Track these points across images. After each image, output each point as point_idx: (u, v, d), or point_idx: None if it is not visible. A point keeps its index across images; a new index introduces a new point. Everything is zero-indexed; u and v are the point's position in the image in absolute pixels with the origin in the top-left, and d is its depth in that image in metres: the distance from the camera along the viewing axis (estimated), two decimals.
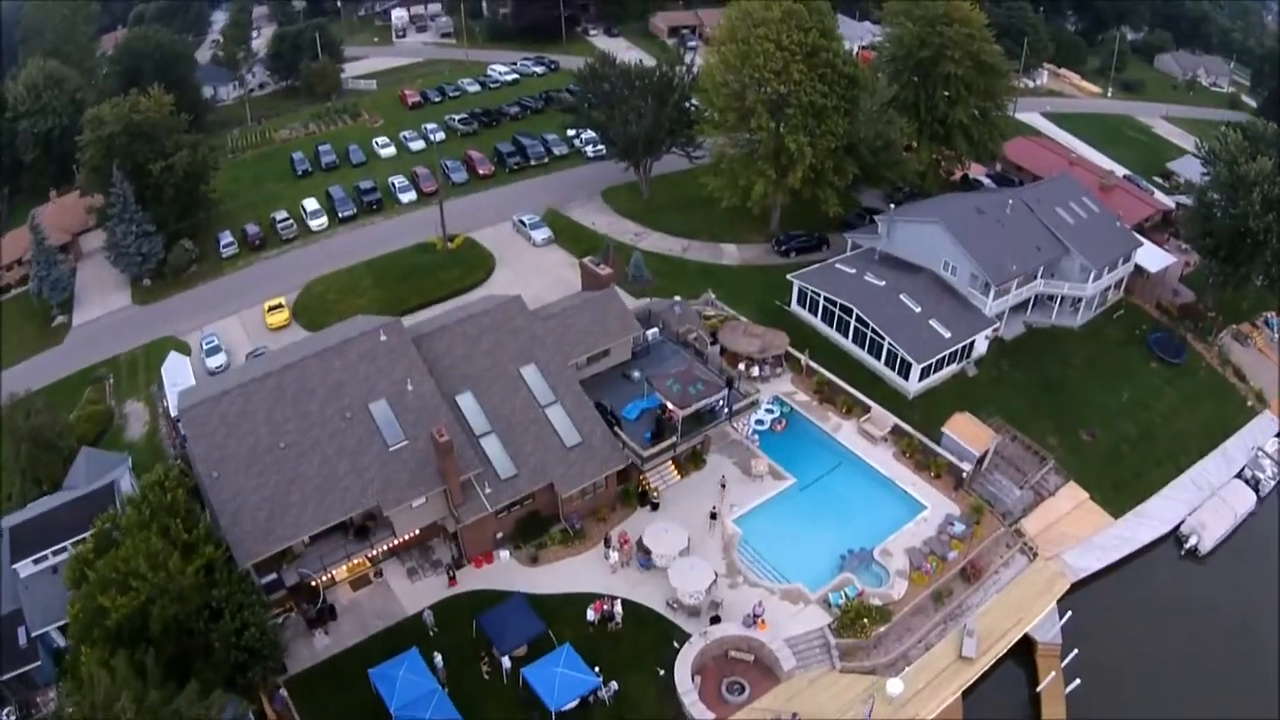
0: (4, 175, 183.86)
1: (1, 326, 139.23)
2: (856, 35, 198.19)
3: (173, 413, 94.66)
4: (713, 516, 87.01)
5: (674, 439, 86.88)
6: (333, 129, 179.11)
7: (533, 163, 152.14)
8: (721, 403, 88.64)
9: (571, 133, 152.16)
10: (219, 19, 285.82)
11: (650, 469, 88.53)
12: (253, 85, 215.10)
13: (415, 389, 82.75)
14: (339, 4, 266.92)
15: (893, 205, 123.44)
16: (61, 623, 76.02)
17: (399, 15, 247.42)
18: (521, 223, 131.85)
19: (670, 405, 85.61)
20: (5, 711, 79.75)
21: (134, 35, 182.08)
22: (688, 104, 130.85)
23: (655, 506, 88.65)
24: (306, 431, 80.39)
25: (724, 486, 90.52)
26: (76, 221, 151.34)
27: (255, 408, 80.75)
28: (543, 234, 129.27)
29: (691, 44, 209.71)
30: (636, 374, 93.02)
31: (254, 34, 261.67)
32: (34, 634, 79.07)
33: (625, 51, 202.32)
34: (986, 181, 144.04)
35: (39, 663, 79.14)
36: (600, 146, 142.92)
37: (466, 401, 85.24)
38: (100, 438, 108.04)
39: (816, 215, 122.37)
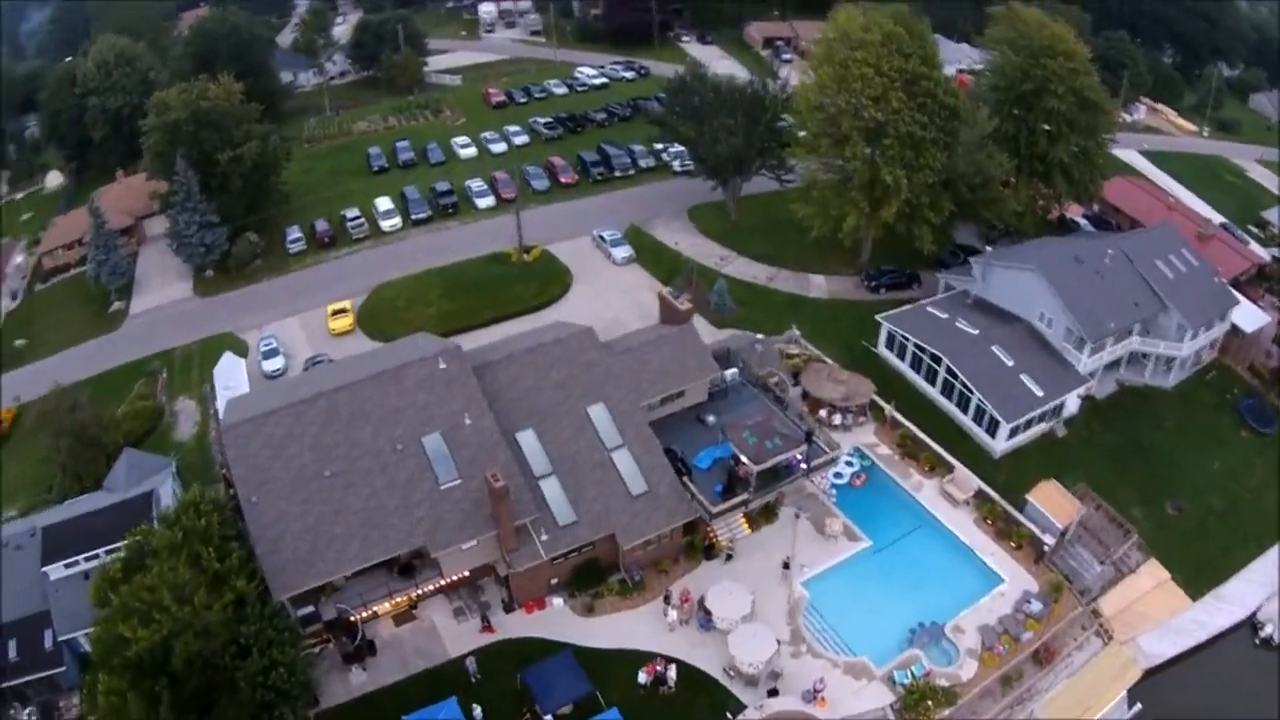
0: (72, 152, 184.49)
1: (57, 308, 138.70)
2: (954, 59, 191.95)
3: (222, 419, 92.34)
4: (785, 566, 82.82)
5: (746, 495, 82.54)
6: (412, 124, 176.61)
7: (617, 174, 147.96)
8: (799, 458, 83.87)
9: (659, 145, 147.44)
10: (303, 2, 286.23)
11: (719, 523, 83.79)
12: (333, 74, 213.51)
13: (473, 423, 78.94)
14: None
15: (989, 245, 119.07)
16: (89, 630, 73.67)
17: (487, 10, 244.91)
18: (602, 238, 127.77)
19: (744, 459, 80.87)
20: (26, 711, 78.60)
21: (209, 17, 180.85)
22: (781, 123, 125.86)
23: (729, 557, 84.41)
24: (355, 461, 76.96)
25: (798, 516, 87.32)
26: (141, 204, 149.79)
27: (303, 431, 77.48)
28: (623, 252, 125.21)
29: (786, 57, 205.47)
30: (711, 419, 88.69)
31: (339, 20, 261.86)
32: (60, 638, 77.88)
33: (718, 61, 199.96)
34: (1083, 223, 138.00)
35: (64, 668, 77.97)
36: (688, 162, 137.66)
37: (527, 440, 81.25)
38: (148, 435, 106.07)
39: (909, 250, 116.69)
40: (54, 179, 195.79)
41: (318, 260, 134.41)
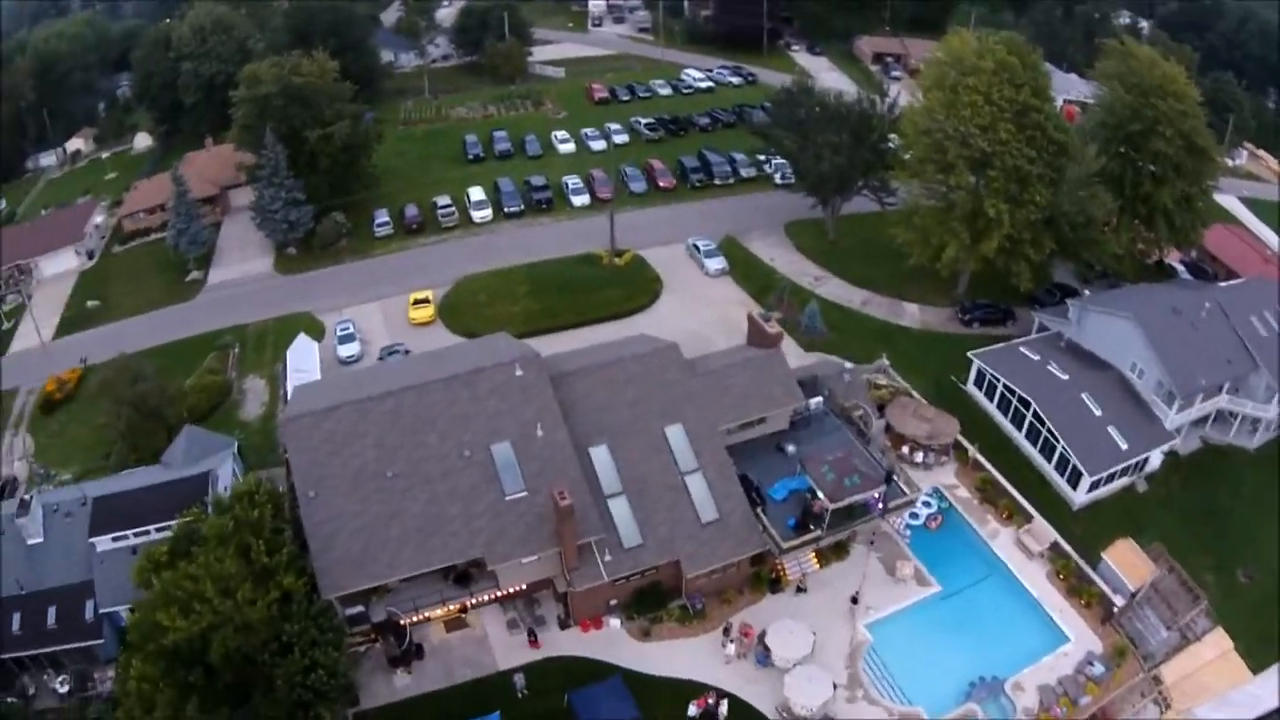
0: (163, 115, 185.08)
1: (134, 272, 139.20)
2: (1062, 89, 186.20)
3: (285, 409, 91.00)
4: (854, 601, 79.38)
5: (819, 533, 78.78)
6: (511, 114, 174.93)
7: (717, 182, 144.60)
8: (876, 497, 79.97)
9: (762, 156, 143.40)
10: None
11: (788, 557, 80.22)
12: (435, 57, 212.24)
13: (545, 435, 75.99)
14: None
15: (1085, 284, 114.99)
16: (130, 604, 72.35)
17: (596, 3, 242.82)
18: (695, 247, 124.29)
19: (821, 495, 77.20)
20: (60, 679, 77.90)
21: None
22: (886, 144, 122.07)
23: (801, 590, 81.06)
24: (419, 464, 74.38)
25: (871, 542, 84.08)
26: (227, 174, 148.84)
27: (367, 429, 75.12)
28: (717, 264, 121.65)
29: (895, 74, 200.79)
30: (791, 449, 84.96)
31: (446, 2, 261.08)
32: (102, 610, 77.22)
33: (826, 73, 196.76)
34: (1181, 269, 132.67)
35: (102, 640, 77.33)
36: (790, 175, 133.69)
37: (600, 455, 78.07)
38: (213, 412, 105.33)
39: (1005, 285, 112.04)
40: (142, 141, 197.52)
41: (404, 246, 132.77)
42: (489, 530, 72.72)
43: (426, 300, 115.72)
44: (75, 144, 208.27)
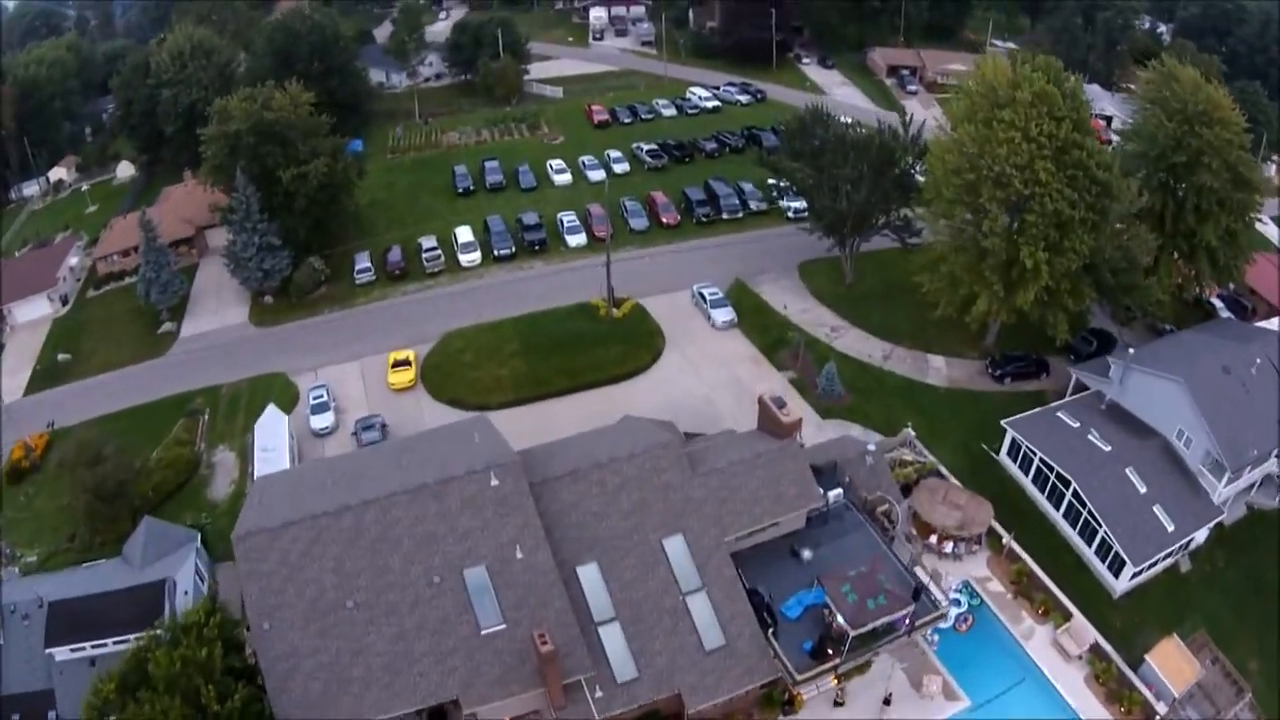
0: (144, 144, 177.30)
1: (107, 320, 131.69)
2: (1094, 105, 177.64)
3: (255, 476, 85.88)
4: (886, 703, 70.26)
5: (837, 661, 69.72)
6: (506, 140, 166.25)
7: (724, 216, 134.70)
8: (904, 615, 70.94)
9: (771, 182, 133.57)
10: None
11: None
12: (428, 75, 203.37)
13: (525, 557, 66.60)
14: None
15: (1124, 331, 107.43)
16: None
17: (598, 16, 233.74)
18: (701, 296, 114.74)
19: (841, 619, 68.16)
20: None
21: (290, 13, 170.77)
22: (911, 174, 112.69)
23: (839, 703, 71.00)
24: (383, 592, 65.24)
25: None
26: (205, 212, 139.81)
27: (324, 550, 66.05)
28: (724, 315, 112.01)
29: (911, 88, 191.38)
30: (807, 554, 75.42)
31: (442, 15, 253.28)
32: None
33: (839, 87, 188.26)
34: (1219, 304, 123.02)
35: None
36: (803, 209, 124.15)
37: (589, 576, 68.56)
38: (181, 488, 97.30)
39: (1037, 331, 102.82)
40: (124, 170, 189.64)
41: (386, 295, 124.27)
42: (464, 669, 63.58)
43: (407, 362, 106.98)
44: (58, 173, 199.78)
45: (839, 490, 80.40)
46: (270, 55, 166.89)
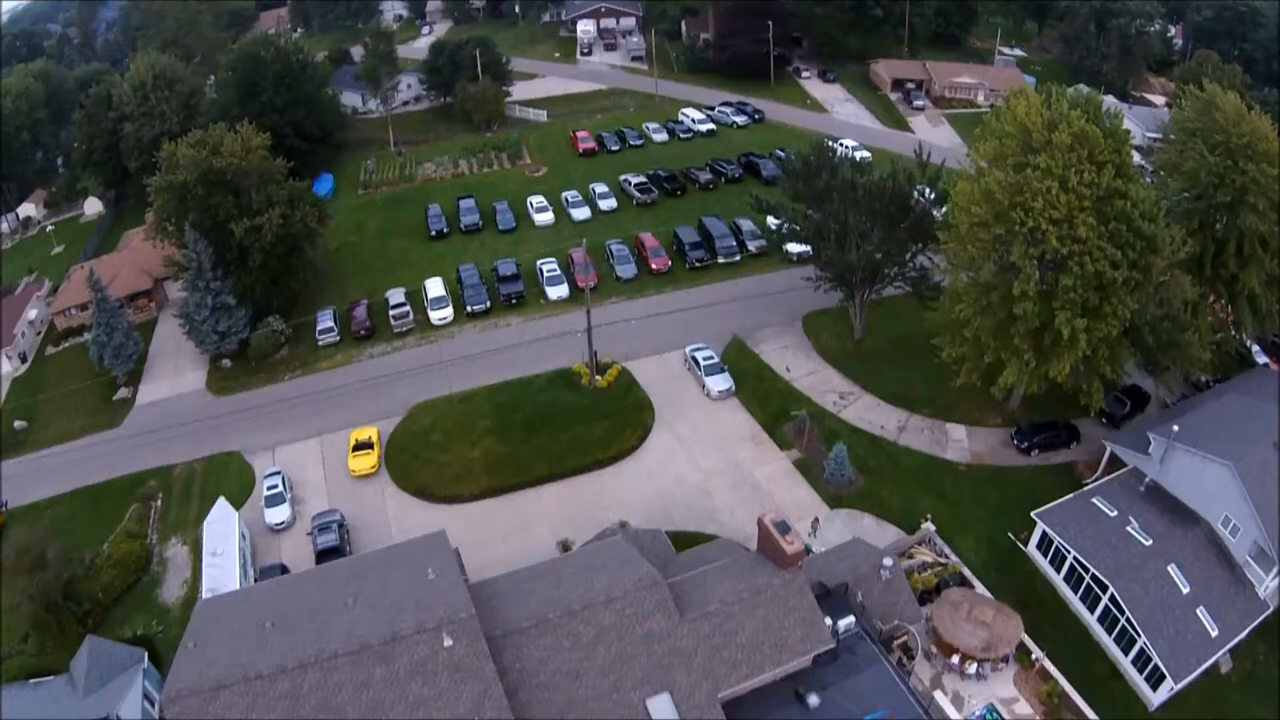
0: (110, 179, 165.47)
1: (65, 380, 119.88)
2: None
3: (204, 593, 76.24)
4: None
5: None
6: (485, 172, 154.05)
7: (720, 260, 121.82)
8: None
9: (773, 224, 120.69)
10: (392, 8, 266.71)
11: None
12: (407, 98, 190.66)
13: None
14: (517, 8, 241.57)
15: (1160, 391, 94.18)
16: None
17: (585, 30, 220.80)
18: (695, 360, 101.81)
19: None
20: None
21: (252, 40, 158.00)
22: (930, 213, 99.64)
23: None
24: None
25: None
26: (161, 262, 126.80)
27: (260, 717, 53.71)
28: (720, 383, 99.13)
29: (918, 103, 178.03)
30: (814, 699, 62.19)
31: (426, 30, 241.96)
32: None
33: (842, 103, 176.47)
34: (1255, 348, 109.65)
35: None
36: (806, 250, 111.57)
37: None
38: (132, 588, 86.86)
39: (1066, 392, 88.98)
40: (92, 206, 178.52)
41: (351, 358, 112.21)
42: None
43: (369, 444, 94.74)
44: (27, 209, 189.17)
45: (851, 619, 67.50)
46: (235, 85, 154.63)
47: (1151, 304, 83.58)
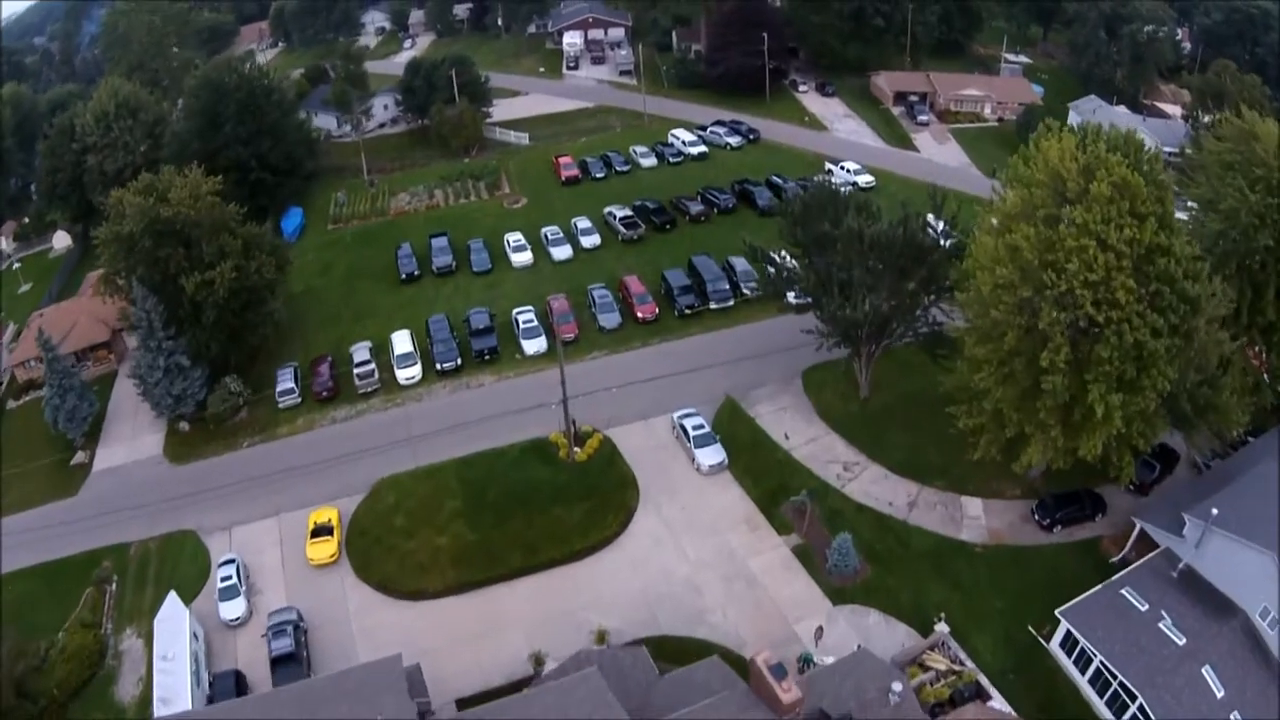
0: (77, 212, 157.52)
1: (24, 439, 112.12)
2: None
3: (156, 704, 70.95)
4: None
5: None
6: (461, 203, 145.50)
7: (713, 306, 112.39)
8: None
9: (772, 269, 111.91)
10: (373, 21, 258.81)
11: None
12: (383, 120, 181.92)
13: None
14: (499, 20, 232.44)
15: (1173, 429, 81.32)
16: None
17: (571, 43, 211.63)
18: (683, 428, 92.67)
19: None
20: None
21: (214, 66, 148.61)
22: (948, 260, 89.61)
23: None
24: None
25: None
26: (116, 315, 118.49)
27: None
28: (711, 456, 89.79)
29: (922, 118, 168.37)
30: None
31: (408, 43, 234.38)
32: None
33: (842, 119, 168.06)
34: None
35: None
36: (805, 294, 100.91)
37: None
38: (86, 685, 79.96)
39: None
40: (61, 240, 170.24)
41: (312, 422, 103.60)
42: None
43: (329, 530, 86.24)
44: None
45: None
46: (197, 115, 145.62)
47: (1190, 369, 74.66)
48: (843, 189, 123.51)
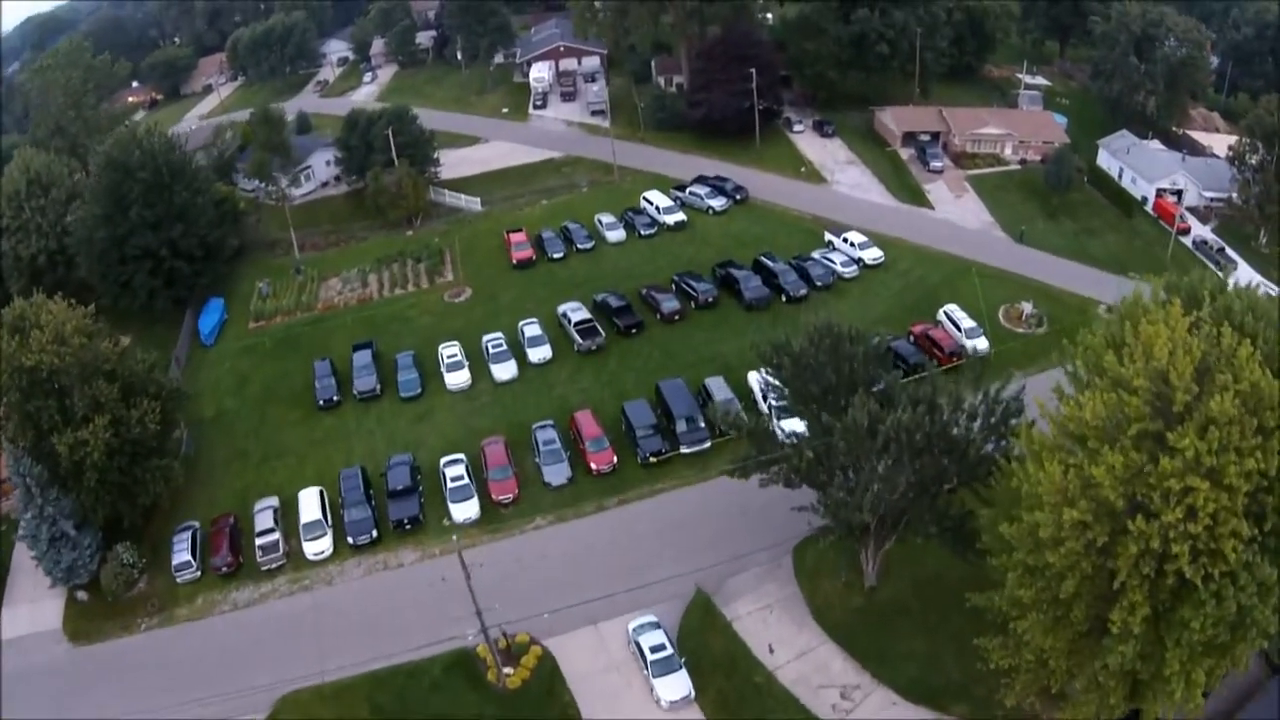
0: None
1: None
2: (1150, 171, 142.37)
3: None
4: None
5: None
6: (397, 294, 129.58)
7: (684, 450, 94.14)
8: None
9: (756, 383, 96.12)
10: (335, 52, 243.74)
11: None
12: (326, 178, 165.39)
13: None
14: (459, 53, 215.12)
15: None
16: None
17: (539, 78, 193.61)
18: (638, 646, 75.21)
19: None
20: None
21: (117, 141, 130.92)
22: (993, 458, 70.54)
23: None
24: None
25: None
26: None
27: None
28: (674, 688, 71.68)
29: (936, 164, 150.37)
30: None
31: (368, 78, 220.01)
32: None
33: (845, 167, 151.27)
34: None
35: None
36: (798, 431, 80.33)
37: None
38: None
39: None
40: None
41: (211, 605, 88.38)
42: None
43: None
44: None
45: None
46: (103, 197, 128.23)
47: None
48: (845, 272, 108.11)
